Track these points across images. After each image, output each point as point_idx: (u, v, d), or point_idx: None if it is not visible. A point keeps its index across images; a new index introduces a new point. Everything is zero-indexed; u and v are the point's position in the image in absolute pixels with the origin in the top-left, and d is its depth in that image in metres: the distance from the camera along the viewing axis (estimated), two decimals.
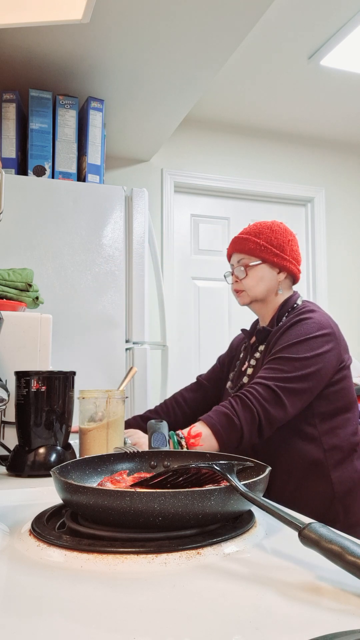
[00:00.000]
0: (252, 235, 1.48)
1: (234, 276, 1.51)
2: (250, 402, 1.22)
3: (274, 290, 1.48)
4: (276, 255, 1.46)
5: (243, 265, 1.48)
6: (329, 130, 3.55)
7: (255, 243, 1.46)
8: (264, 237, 1.47)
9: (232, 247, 1.51)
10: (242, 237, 1.49)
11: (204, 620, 0.43)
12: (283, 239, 1.48)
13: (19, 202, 2.00)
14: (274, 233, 1.48)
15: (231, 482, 0.61)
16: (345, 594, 0.48)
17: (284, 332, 1.37)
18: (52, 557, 0.56)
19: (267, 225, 1.49)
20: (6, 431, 1.18)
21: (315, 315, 1.39)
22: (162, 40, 1.95)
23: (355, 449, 1.37)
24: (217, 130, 3.46)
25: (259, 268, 1.47)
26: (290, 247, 1.48)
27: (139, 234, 2.13)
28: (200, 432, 1.20)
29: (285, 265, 1.46)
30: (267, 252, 1.46)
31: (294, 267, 1.49)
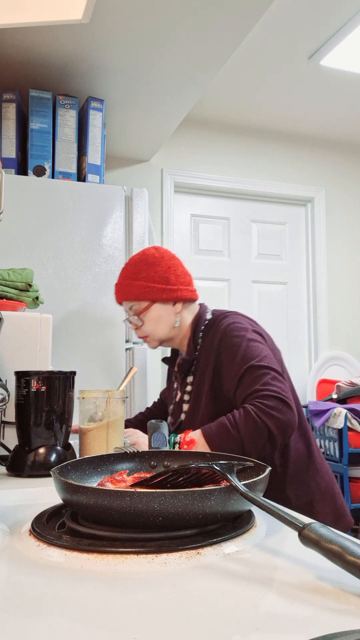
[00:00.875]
0: (131, 279, 1.40)
1: (132, 324, 1.44)
2: (256, 415, 1.18)
3: (174, 322, 1.42)
4: (163, 290, 1.38)
5: (135, 312, 1.41)
6: (329, 130, 3.55)
7: (138, 287, 1.38)
8: (144, 277, 1.39)
9: (118, 297, 1.44)
10: (123, 284, 1.42)
11: (204, 620, 0.43)
12: (162, 269, 1.40)
13: (19, 202, 2.00)
14: (152, 267, 1.40)
15: (231, 482, 0.61)
16: (345, 594, 0.48)
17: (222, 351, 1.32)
18: (52, 557, 0.56)
19: (141, 261, 1.41)
20: (6, 431, 1.18)
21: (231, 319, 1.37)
22: (162, 40, 1.95)
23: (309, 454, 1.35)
24: (217, 130, 3.46)
25: (152, 310, 1.40)
26: (174, 273, 1.41)
27: (139, 234, 2.13)
28: (194, 439, 1.19)
29: (176, 296, 1.40)
30: (153, 291, 1.38)
31: (186, 292, 1.42)
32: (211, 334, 1.37)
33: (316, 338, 3.56)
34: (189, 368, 1.41)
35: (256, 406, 1.19)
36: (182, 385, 1.44)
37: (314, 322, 3.58)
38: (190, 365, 1.41)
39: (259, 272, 3.55)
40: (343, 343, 3.60)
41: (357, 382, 3.14)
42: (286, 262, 3.63)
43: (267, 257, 3.58)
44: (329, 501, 1.34)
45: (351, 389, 3.09)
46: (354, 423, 2.85)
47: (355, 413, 2.87)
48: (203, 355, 1.37)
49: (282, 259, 3.62)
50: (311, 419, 3.05)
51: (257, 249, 3.56)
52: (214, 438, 1.18)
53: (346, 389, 3.11)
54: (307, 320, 3.62)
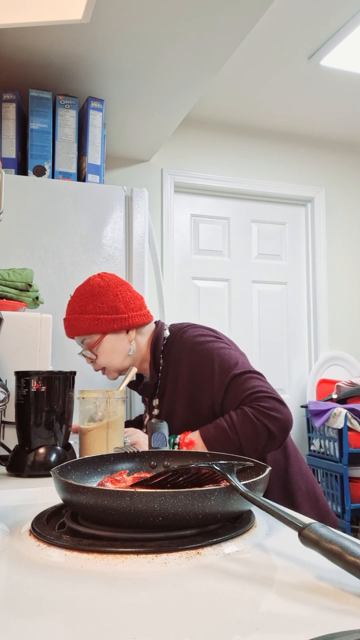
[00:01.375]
0: (79, 312, 1.35)
1: (88, 359, 1.40)
2: (254, 417, 1.18)
3: (129, 350, 1.38)
4: (113, 320, 1.34)
5: (87, 346, 1.37)
6: (329, 130, 3.55)
7: (87, 320, 1.33)
8: (91, 310, 1.34)
9: (68, 332, 1.38)
10: (71, 319, 1.36)
11: (204, 620, 0.43)
12: (109, 298, 1.35)
13: (19, 202, 2.00)
14: (99, 298, 1.34)
15: (231, 482, 0.61)
16: (345, 594, 0.48)
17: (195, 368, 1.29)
18: (52, 557, 0.56)
19: (88, 293, 1.36)
20: (6, 431, 1.18)
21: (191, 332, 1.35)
22: (162, 40, 1.95)
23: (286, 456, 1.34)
24: (217, 130, 3.46)
25: (104, 342, 1.35)
26: (122, 300, 1.36)
27: (139, 234, 2.13)
28: (193, 441, 1.20)
29: (128, 324, 1.35)
30: (102, 323, 1.33)
31: (137, 318, 1.37)
32: (174, 351, 1.34)
33: (316, 338, 3.56)
34: (153, 391, 1.39)
35: (254, 408, 1.20)
36: (149, 409, 1.43)
37: (314, 322, 3.58)
38: (154, 388, 1.38)
39: (259, 272, 3.55)
40: (343, 343, 3.60)
41: (357, 382, 3.14)
42: (286, 262, 3.63)
43: (267, 257, 3.58)
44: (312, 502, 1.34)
45: (351, 389, 3.09)
46: (354, 423, 2.85)
47: (355, 413, 2.87)
48: (170, 373, 1.34)
49: (282, 259, 3.62)
50: (311, 419, 3.06)
51: (257, 249, 3.56)
52: (212, 440, 1.19)
53: (346, 389, 3.11)
54: (307, 320, 3.62)
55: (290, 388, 3.48)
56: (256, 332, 3.49)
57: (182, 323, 1.43)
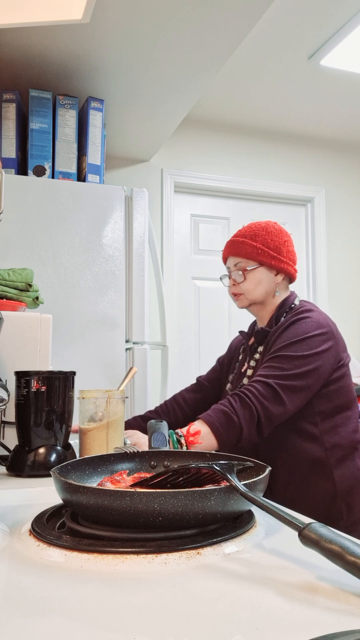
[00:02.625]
0: (248, 238, 1.46)
1: (232, 280, 1.49)
2: (249, 400, 1.22)
3: (271, 292, 1.48)
4: (273, 257, 1.45)
5: (240, 269, 1.46)
6: (329, 130, 3.55)
7: (252, 246, 1.45)
8: (260, 240, 1.45)
9: (229, 251, 1.50)
10: (238, 240, 1.48)
11: (204, 620, 0.43)
12: (279, 240, 1.46)
13: (19, 202, 2.00)
14: (270, 235, 1.46)
15: (231, 482, 0.61)
16: (345, 594, 0.48)
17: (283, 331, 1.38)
18: (52, 557, 0.56)
19: (262, 227, 1.47)
20: (6, 431, 1.18)
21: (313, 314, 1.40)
22: (162, 40, 1.95)
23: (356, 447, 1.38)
24: (217, 130, 3.46)
25: (256, 271, 1.45)
26: (287, 248, 1.48)
27: (139, 234, 2.13)
28: (199, 430, 1.20)
29: (282, 267, 1.46)
30: (264, 255, 1.44)
31: (291, 268, 1.48)
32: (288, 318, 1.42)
33: None
34: (263, 338, 1.46)
35: (249, 391, 1.24)
36: (250, 355, 1.49)
37: None
38: (265, 335, 1.45)
39: None
40: None
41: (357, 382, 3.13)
42: None
43: None
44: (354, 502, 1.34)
45: None
46: None
47: None
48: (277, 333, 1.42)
49: None
50: None
51: None
52: (217, 426, 1.21)
53: None
54: None
55: None
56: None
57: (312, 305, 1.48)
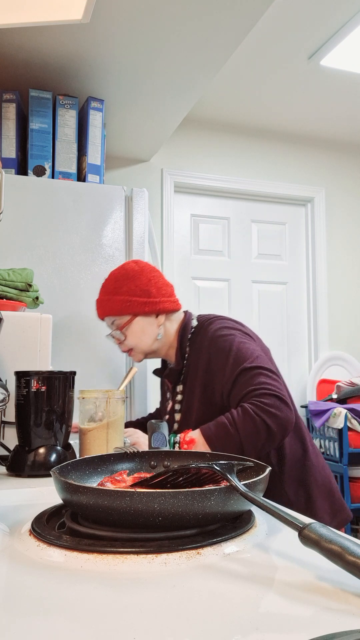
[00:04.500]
0: (112, 294, 1.41)
1: (116, 339, 1.45)
2: (255, 413, 1.18)
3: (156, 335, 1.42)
4: (145, 304, 1.39)
5: (117, 327, 1.42)
6: (329, 130, 3.55)
7: (119, 301, 1.39)
8: (124, 291, 1.39)
9: (100, 312, 1.44)
10: (104, 299, 1.42)
11: (204, 620, 0.43)
12: (143, 281, 1.40)
13: (19, 202, 2.00)
14: (132, 280, 1.40)
15: (231, 482, 0.61)
16: (345, 594, 0.48)
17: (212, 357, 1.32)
18: (52, 557, 0.56)
19: (122, 276, 1.41)
20: (6, 431, 1.18)
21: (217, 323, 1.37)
22: (162, 40, 1.95)
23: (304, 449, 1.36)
24: (217, 130, 3.46)
25: (134, 323, 1.40)
26: (155, 285, 1.41)
27: (139, 234, 2.13)
28: (194, 439, 1.19)
29: (158, 308, 1.40)
30: (134, 305, 1.38)
31: (168, 304, 1.42)
32: (199, 340, 1.37)
33: (316, 338, 3.56)
34: (177, 377, 1.41)
35: (254, 404, 1.20)
36: (172, 395, 1.45)
37: (314, 322, 3.58)
38: (179, 374, 1.41)
39: (259, 272, 3.55)
40: (343, 343, 3.60)
41: (357, 382, 3.14)
42: (286, 262, 3.63)
43: (267, 257, 3.58)
44: (327, 496, 1.35)
45: (351, 389, 3.09)
46: (354, 423, 2.85)
47: (355, 413, 2.87)
48: (192, 362, 1.37)
49: (282, 259, 3.62)
50: (311, 419, 3.06)
51: (257, 249, 3.56)
52: (213, 437, 1.19)
53: (346, 389, 3.11)
54: (307, 320, 3.62)
55: (290, 388, 3.47)
56: (256, 332, 3.49)
57: (210, 314, 1.45)
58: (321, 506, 1.32)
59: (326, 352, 3.53)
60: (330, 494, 1.36)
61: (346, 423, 2.84)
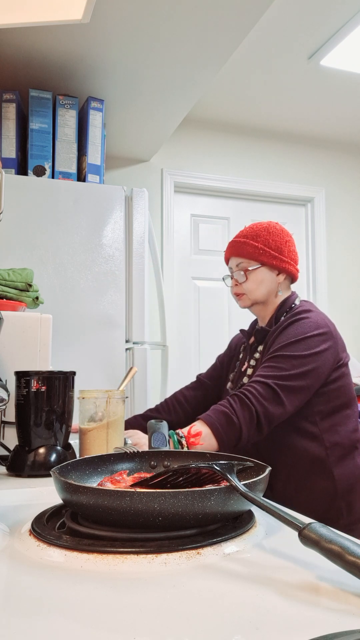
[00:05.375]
0: (249, 238, 1.48)
1: (234, 280, 1.50)
2: (249, 401, 1.23)
3: (273, 292, 1.48)
4: (275, 257, 1.46)
5: (242, 269, 1.47)
6: (329, 130, 3.55)
7: (254, 247, 1.46)
8: (261, 240, 1.46)
9: (230, 251, 1.51)
10: (239, 241, 1.49)
11: (204, 620, 0.43)
12: (280, 240, 1.48)
13: (19, 202, 2.00)
14: (272, 235, 1.47)
15: (231, 482, 0.61)
16: (345, 594, 0.48)
17: (282, 331, 1.38)
18: (52, 557, 0.56)
19: (264, 227, 1.48)
20: (6, 431, 1.18)
21: (311, 314, 1.40)
22: (162, 40, 1.95)
23: (356, 445, 1.38)
24: (217, 130, 3.46)
25: (258, 271, 1.47)
26: (288, 248, 1.49)
27: (139, 234, 2.13)
28: (200, 431, 1.20)
29: (284, 267, 1.47)
30: (266, 255, 1.46)
31: (293, 268, 1.49)
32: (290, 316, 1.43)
33: None
34: (263, 338, 1.47)
35: (249, 391, 1.24)
36: (250, 354, 1.50)
37: None
38: (265, 335, 1.46)
39: None
40: None
41: (357, 382, 3.13)
42: None
43: None
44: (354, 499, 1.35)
45: None
46: None
47: None
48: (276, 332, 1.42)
49: None
50: None
51: None
52: (218, 426, 1.21)
53: None
54: None
55: None
56: None
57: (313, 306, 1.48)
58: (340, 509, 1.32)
59: None
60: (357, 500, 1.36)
61: None
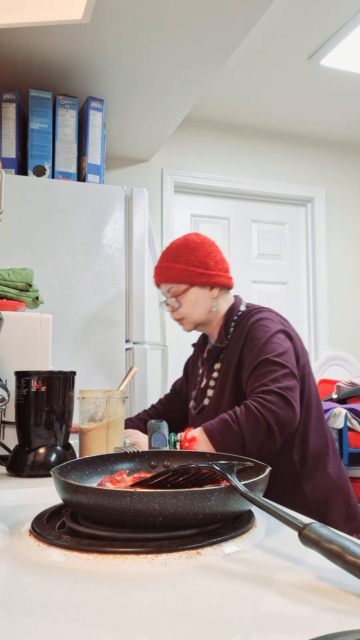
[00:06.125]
0: (171, 261, 1.43)
1: (169, 307, 1.47)
2: (256, 409, 1.18)
3: (211, 308, 1.45)
4: (202, 274, 1.41)
5: (173, 295, 1.44)
6: (329, 130, 3.55)
7: (178, 270, 1.41)
8: (183, 260, 1.42)
9: (157, 278, 1.47)
10: (163, 266, 1.45)
11: (204, 620, 0.43)
12: (203, 254, 1.43)
13: (19, 202, 2.00)
14: (193, 252, 1.43)
15: (231, 482, 0.61)
16: (345, 594, 0.48)
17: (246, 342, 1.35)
18: (52, 557, 0.56)
19: (182, 245, 1.44)
20: (6, 431, 1.18)
21: (263, 314, 1.39)
22: (162, 40, 1.95)
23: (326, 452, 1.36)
24: (217, 130, 3.46)
25: (189, 293, 1.43)
26: (213, 259, 1.44)
27: (139, 234, 2.13)
28: (195, 437, 1.19)
29: (214, 281, 1.42)
30: (192, 274, 1.41)
31: (223, 278, 1.45)
32: (242, 325, 1.40)
33: (316, 338, 3.56)
34: (217, 355, 1.44)
35: (257, 401, 1.20)
36: (208, 372, 1.46)
37: (314, 322, 3.58)
38: (219, 352, 1.43)
39: (259, 272, 3.55)
40: (343, 343, 3.60)
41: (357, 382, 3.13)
42: (286, 262, 3.63)
43: (267, 257, 3.58)
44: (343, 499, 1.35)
45: (351, 389, 3.09)
46: (354, 423, 2.85)
47: (355, 413, 2.87)
48: (232, 344, 1.40)
49: (282, 259, 3.62)
50: None
51: (257, 249, 3.56)
52: (216, 434, 1.18)
53: (346, 389, 3.11)
54: (307, 320, 3.62)
55: None
56: None
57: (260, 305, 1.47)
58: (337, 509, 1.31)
59: (326, 352, 3.53)
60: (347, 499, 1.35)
61: (346, 423, 2.84)
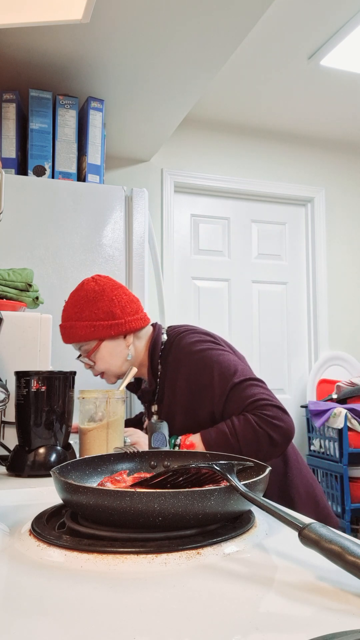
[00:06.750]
0: (74, 320, 1.33)
1: (85, 364, 1.39)
2: (256, 424, 1.18)
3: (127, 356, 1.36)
4: (110, 327, 1.32)
5: (85, 353, 1.36)
6: (329, 130, 3.55)
7: (83, 327, 1.32)
8: (87, 316, 1.31)
9: (64, 339, 1.37)
10: (66, 326, 1.34)
11: (204, 620, 0.43)
12: (106, 302, 1.33)
13: (19, 202, 2.00)
14: (95, 303, 1.32)
15: (231, 482, 0.61)
16: (345, 594, 0.48)
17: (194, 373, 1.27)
18: (52, 557, 0.56)
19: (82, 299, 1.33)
20: (6, 431, 1.18)
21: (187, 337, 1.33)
22: (162, 40, 1.95)
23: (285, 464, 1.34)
24: (217, 130, 3.46)
25: (101, 348, 1.34)
26: (119, 304, 1.34)
27: (139, 234, 2.13)
28: (194, 444, 1.20)
29: (125, 330, 1.33)
30: (99, 329, 1.31)
31: (134, 322, 1.35)
32: (172, 357, 1.32)
33: (316, 338, 3.56)
34: (152, 397, 1.38)
35: (257, 416, 1.19)
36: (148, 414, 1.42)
37: (314, 322, 3.58)
38: (152, 394, 1.37)
39: (259, 272, 3.55)
40: (343, 343, 3.60)
41: (357, 382, 3.14)
42: (286, 262, 3.63)
43: (267, 257, 3.58)
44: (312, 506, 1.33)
45: (351, 389, 3.09)
46: (354, 423, 2.85)
47: (355, 413, 2.87)
48: (168, 381, 1.33)
49: (282, 259, 3.62)
50: (311, 419, 3.06)
51: (257, 249, 3.56)
52: (213, 444, 1.19)
53: (346, 389, 3.11)
54: (307, 320, 3.62)
55: (290, 388, 3.48)
56: (256, 333, 3.49)
57: (179, 327, 1.41)
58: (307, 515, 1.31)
59: (326, 352, 3.53)
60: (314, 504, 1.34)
61: (346, 423, 2.84)
